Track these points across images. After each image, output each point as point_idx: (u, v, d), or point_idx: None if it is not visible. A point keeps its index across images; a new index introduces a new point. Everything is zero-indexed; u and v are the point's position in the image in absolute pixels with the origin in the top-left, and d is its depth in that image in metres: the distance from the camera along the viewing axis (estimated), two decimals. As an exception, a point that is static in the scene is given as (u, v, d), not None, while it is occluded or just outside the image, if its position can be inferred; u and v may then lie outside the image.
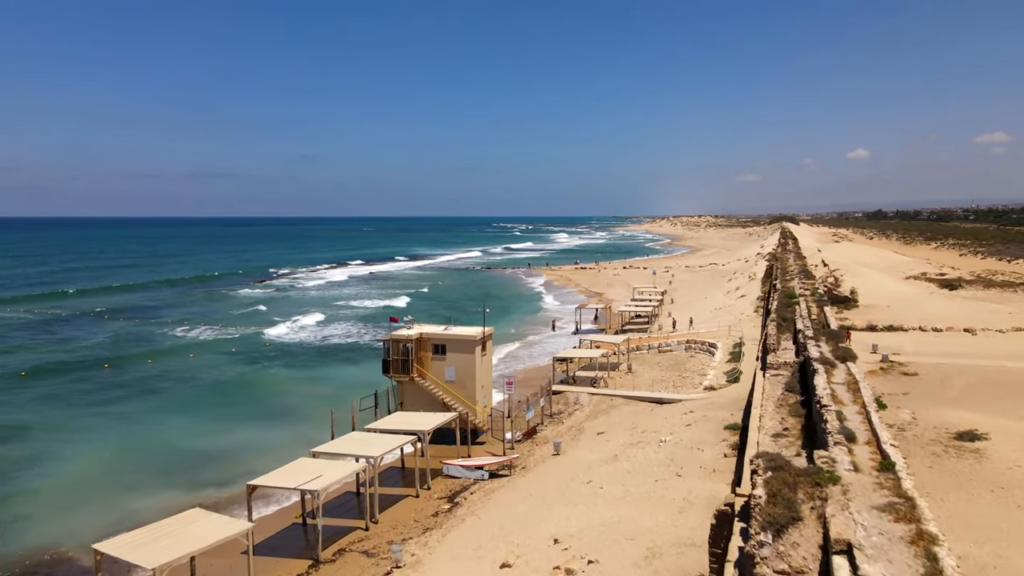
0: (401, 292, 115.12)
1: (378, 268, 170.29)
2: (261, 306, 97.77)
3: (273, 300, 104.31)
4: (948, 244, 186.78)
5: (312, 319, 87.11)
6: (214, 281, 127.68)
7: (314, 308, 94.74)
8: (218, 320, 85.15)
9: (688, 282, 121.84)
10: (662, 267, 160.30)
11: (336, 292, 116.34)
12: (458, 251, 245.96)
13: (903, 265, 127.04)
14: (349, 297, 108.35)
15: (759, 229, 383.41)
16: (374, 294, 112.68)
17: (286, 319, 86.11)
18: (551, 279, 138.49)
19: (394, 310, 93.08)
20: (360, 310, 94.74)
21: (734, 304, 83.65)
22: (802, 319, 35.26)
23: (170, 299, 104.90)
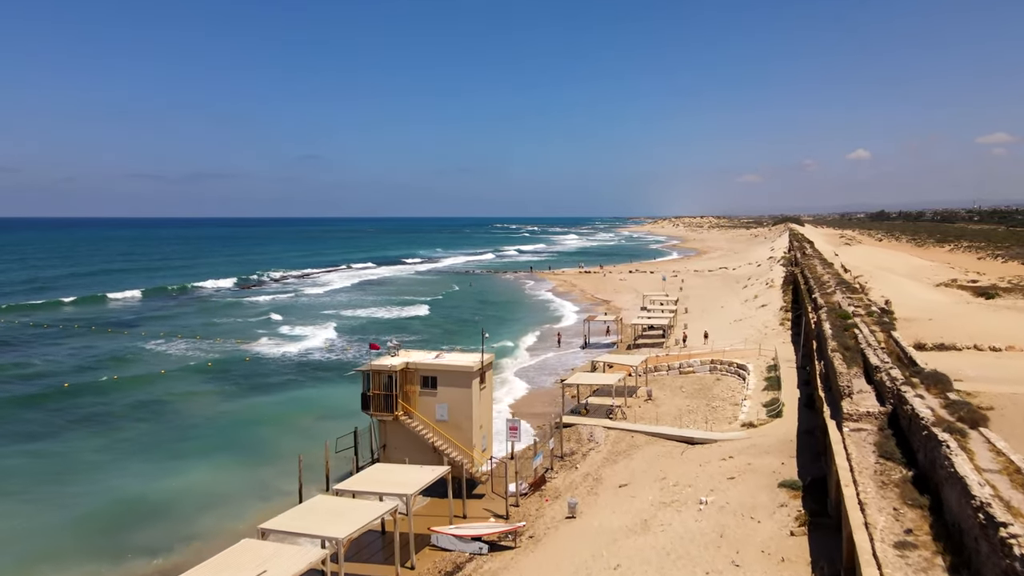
0: (397, 299, 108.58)
1: (375, 272, 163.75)
2: (246, 315, 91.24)
3: (260, 308, 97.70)
4: (962, 247, 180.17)
5: (300, 330, 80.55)
6: (205, 287, 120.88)
7: (303, 318, 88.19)
8: (200, 331, 78.60)
9: (699, 288, 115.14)
10: (669, 271, 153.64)
11: (328, 299, 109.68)
12: (458, 253, 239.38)
13: (925, 270, 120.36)
14: (342, 305, 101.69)
15: (763, 231, 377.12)
16: (368, 302, 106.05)
17: (271, 331, 79.55)
18: (555, 284, 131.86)
19: (387, 323, 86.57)
20: (352, 321, 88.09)
21: (755, 315, 77.05)
22: (872, 350, 28.62)
23: (154, 308, 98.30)
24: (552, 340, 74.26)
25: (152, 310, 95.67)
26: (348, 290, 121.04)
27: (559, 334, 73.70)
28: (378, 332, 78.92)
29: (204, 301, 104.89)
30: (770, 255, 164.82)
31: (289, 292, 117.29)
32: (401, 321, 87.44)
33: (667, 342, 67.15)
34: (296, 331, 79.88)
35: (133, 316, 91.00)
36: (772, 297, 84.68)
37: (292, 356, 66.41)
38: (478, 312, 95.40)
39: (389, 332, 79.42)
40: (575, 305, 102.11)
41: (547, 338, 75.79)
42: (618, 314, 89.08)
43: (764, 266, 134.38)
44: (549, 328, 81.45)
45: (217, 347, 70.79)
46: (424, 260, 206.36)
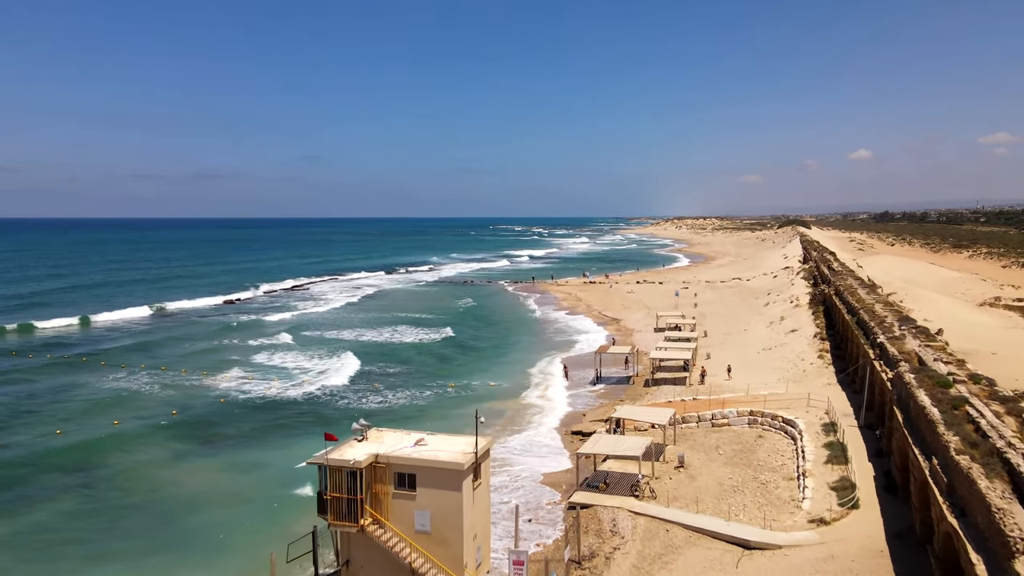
0: (389, 317, 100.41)
1: (372, 282, 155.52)
2: (228, 339, 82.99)
3: (245, 330, 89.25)
4: (981, 253, 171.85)
5: (281, 359, 72.43)
6: (187, 305, 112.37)
7: (286, 346, 79.90)
8: (172, 361, 70.47)
9: (715, 304, 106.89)
10: (679, 281, 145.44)
11: (317, 319, 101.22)
12: (458, 260, 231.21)
13: (956, 283, 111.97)
14: (330, 326, 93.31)
15: (769, 233, 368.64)
16: (359, 321, 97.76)
17: (247, 361, 71.29)
18: (558, 297, 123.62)
19: (376, 351, 78.31)
20: (338, 346, 79.78)
21: (785, 342, 68.81)
22: (1016, 452, 20.44)
23: (126, 330, 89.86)
24: (556, 374, 66.02)
25: (123, 333, 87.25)
26: (340, 307, 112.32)
27: (566, 366, 65.38)
28: (365, 362, 70.76)
29: (184, 322, 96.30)
30: (784, 264, 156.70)
31: (276, 310, 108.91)
32: (390, 347, 79.19)
33: (690, 377, 58.90)
34: (277, 361, 71.66)
35: (99, 341, 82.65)
36: (801, 320, 76.46)
37: (270, 397, 58.09)
38: (476, 334, 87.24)
39: (376, 361, 71.39)
40: (581, 324, 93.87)
41: (552, 370, 67.54)
42: (631, 340, 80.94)
43: (781, 278, 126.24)
44: (553, 357, 73.19)
45: (188, 384, 62.63)
46: (423, 267, 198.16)
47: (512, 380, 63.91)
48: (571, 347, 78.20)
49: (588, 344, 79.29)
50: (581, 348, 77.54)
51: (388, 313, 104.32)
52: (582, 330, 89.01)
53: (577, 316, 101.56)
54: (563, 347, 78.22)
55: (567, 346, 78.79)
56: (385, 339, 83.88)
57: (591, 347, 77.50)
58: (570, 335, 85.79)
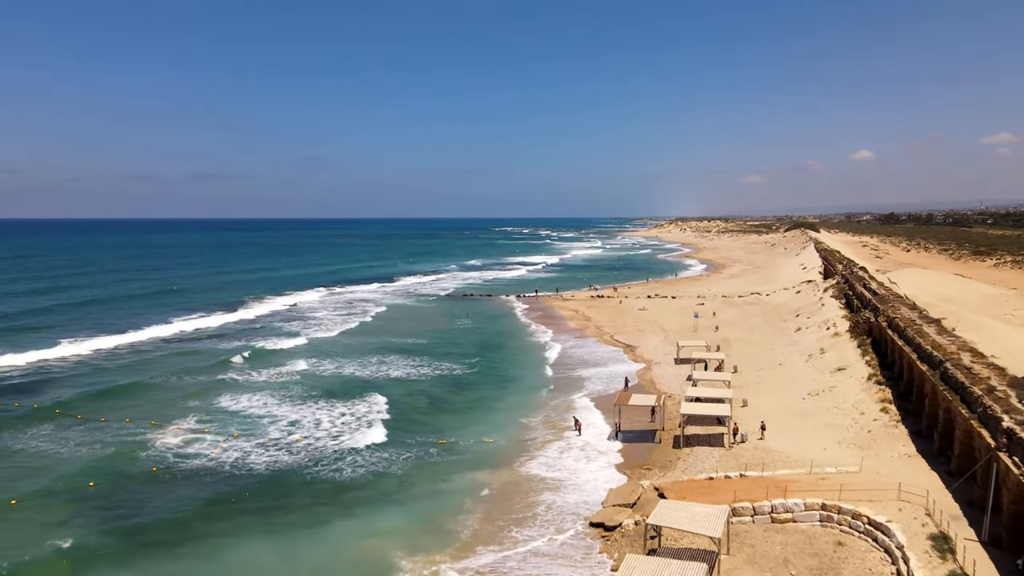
0: (377, 344, 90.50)
1: (366, 295, 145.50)
2: (191, 375, 72.83)
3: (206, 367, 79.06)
4: (1006, 261, 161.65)
5: (245, 404, 62.47)
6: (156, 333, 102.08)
7: (254, 386, 69.91)
8: (111, 410, 60.47)
9: (738, 327, 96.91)
10: (692, 295, 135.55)
11: (295, 348, 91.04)
12: (458, 267, 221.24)
13: (999, 301, 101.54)
14: (306, 354, 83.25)
15: (777, 237, 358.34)
16: (341, 349, 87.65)
17: (206, 407, 61.26)
18: (564, 316, 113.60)
19: (355, 388, 68.23)
20: (312, 385, 69.82)
21: (834, 385, 58.65)
22: None
23: (75, 364, 79.37)
24: (564, 427, 56.06)
25: (71, 367, 76.80)
26: (329, 334, 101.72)
27: (577, 421, 55.23)
28: (342, 405, 60.83)
29: (145, 351, 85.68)
30: (804, 276, 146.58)
31: (255, 336, 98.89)
32: (375, 384, 68.91)
33: (728, 437, 48.86)
34: (241, 405, 61.67)
35: (39, 378, 72.39)
36: (847, 354, 66.36)
37: (218, 465, 48.03)
38: (474, 367, 77.16)
39: (356, 405, 61.35)
40: (591, 352, 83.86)
41: (559, 421, 57.53)
42: (651, 377, 70.94)
43: (806, 294, 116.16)
44: (561, 399, 63.19)
45: (128, 438, 52.77)
46: (421, 277, 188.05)
47: (511, 435, 53.90)
48: (580, 386, 67.98)
49: (600, 381, 69.32)
50: (593, 387, 67.48)
51: (378, 338, 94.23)
52: (592, 361, 78.93)
53: (586, 342, 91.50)
54: (572, 386, 68.06)
55: (576, 385, 68.60)
56: (370, 373, 73.75)
57: (604, 385, 67.69)
58: (579, 368, 75.69)
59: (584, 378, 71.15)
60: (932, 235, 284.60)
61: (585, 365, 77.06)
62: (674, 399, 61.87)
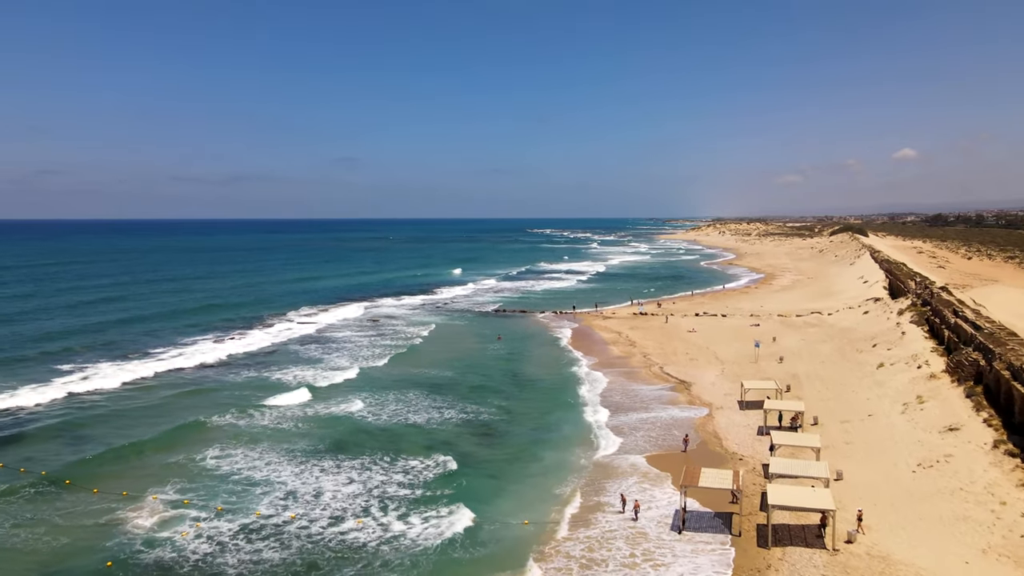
0: (387, 381, 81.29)
1: (388, 311, 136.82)
2: (168, 422, 64.50)
3: (197, 402, 70.85)
4: None
5: (232, 464, 53.60)
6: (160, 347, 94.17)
7: (249, 435, 60.94)
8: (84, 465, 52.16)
9: (804, 357, 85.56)
10: (743, 312, 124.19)
11: (299, 380, 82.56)
12: (488, 274, 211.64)
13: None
14: (320, 399, 74.10)
15: (823, 242, 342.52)
16: (358, 385, 78.68)
17: (189, 468, 52.42)
18: (605, 339, 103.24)
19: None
20: (320, 439, 60.69)
21: (950, 453, 47.41)
22: None
23: (54, 403, 71.52)
24: (611, 490, 46.02)
25: (46, 412, 68.23)
26: (345, 364, 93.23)
27: (625, 499, 44.96)
28: (353, 464, 51.53)
29: (133, 391, 76.87)
30: (867, 292, 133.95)
31: (266, 367, 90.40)
32: (392, 433, 59.43)
33: (831, 537, 38.15)
34: (229, 466, 52.80)
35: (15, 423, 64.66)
36: (953, 407, 54.94)
37: (186, 558, 38.95)
38: (505, 410, 67.32)
39: (368, 464, 51.91)
40: (640, 392, 73.40)
41: (604, 490, 47.38)
42: (713, 427, 60.29)
43: (876, 315, 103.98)
44: (607, 465, 52.88)
45: (84, 520, 44.20)
46: (452, 287, 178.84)
47: (547, 512, 43.97)
48: (629, 441, 57.38)
49: (653, 433, 58.88)
50: (644, 442, 56.97)
51: (401, 368, 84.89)
52: (641, 403, 68.34)
53: (632, 373, 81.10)
54: (618, 441, 57.44)
55: (624, 438, 58.12)
56: (386, 418, 64.24)
57: (658, 438, 57.31)
58: (625, 413, 65.23)
59: (632, 428, 60.70)
60: (988, 239, 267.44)
61: (633, 409, 66.59)
62: (747, 464, 51.29)
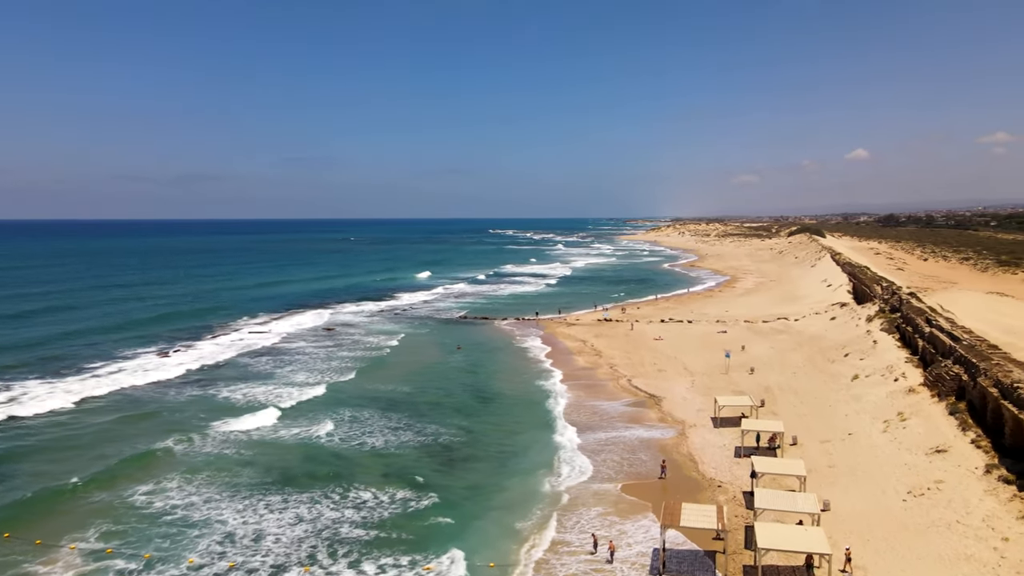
0: (348, 400, 76.51)
1: (345, 318, 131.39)
2: (95, 452, 58.82)
3: (130, 429, 65.33)
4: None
5: (167, 499, 48.45)
6: (96, 362, 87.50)
7: (182, 464, 55.81)
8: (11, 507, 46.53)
9: (775, 367, 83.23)
10: (711, 319, 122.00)
11: (247, 398, 77.41)
12: (447, 278, 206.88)
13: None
14: (263, 414, 69.13)
15: (782, 243, 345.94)
16: (312, 408, 73.75)
17: (120, 509, 47.14)
18: (570, 348, 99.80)
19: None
20: (267, 471, 55.81)
21: (940, 479, 44.79)
22: None
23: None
24: (582, 525, 42.43)
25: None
26: (300, 378, 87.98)
27: (596, 537, 41.24)
28: (299, 499, 46.81)
29: (62, 416, 70.93)
30: (832, 297, 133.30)
31: (212, 385, 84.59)
32: (346, 458, 54.82)
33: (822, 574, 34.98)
34: (164, 502, 47.70)
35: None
36: (937, 425, 52.61)
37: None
38: (466, 430, 63.19)
39: (314, 483, 47.24)
40: (608, 409, 69.94)
41: (575, 526, 43.69)
42: (687, 447, 57.06)
43: (844, 321, 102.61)
44: (578, 493, 49.16)
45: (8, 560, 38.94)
46: (412, 292, 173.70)
47: (512, 553, 40.07)
48: (600, 467, 53.82)
49: (624, 456, 55.33)
50: (615, 467, 53.35)
51: (355, 384, 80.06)
52: (609, 421, 64.78)
53: (599, 386, 77.70)
54: (588, 466, 53.78)
55: (594, 463, 54.40)
56: (339, 441, 59.54)
57: (628, 462, 53.67)
58: (594, 432, 61.63)
59: (603, 450, 57.10)
60: (941, 240, 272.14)
61: (602, 427, 63.00)
62: (727, 492, 48.08)
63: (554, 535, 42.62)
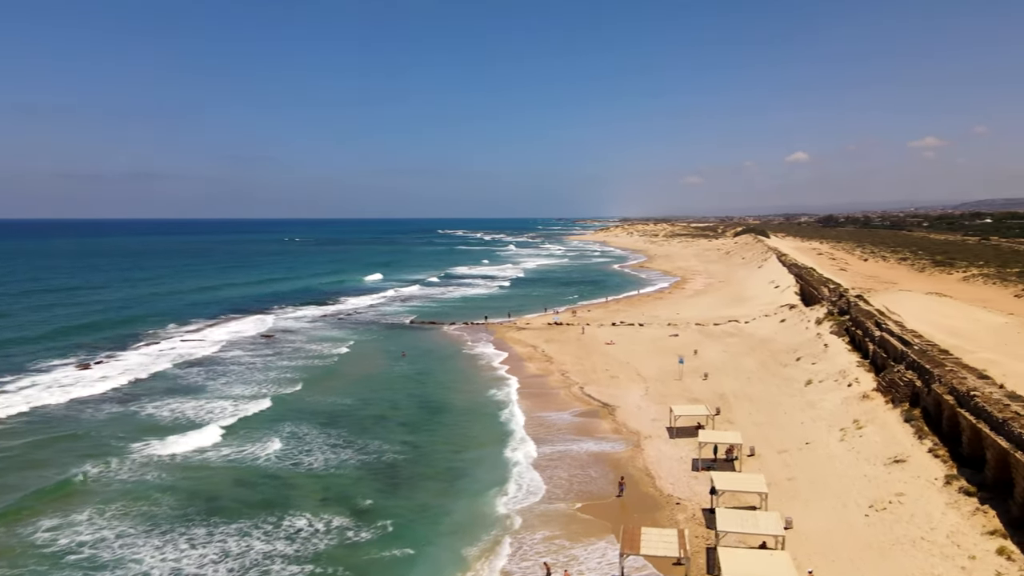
0: (286, 414, 72.21)
1: (288, 323, 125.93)
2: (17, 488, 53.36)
3: (37, 453, 59.98)
4: (973, 275, 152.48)
5: (69, 530, 43.88)
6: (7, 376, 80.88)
7: (94, 493, 50.98)
8: None
9: (729, 372, 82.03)
10: (663, 322, 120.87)
11: (173, 415, 72.35)
12: (396, 281, 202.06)
13: (1013, 336, 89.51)
14: (189, 433, 64.50)
15: (728, 243, 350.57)
16: (245, 423, 69.23)
17: (3, 544, 42.35)
18: (520, 354, 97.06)
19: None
20: (184, 499, 51.39)
21: (901, 491, 43.35)
22: None
23: None
24: (533, 559, 39.63)
25: None
26: (232, 392, 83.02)
27: (548, 567, 38.52)
28: (232, 519, 42.75)
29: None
30: (780, 298, 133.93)
31: (134, 402, 79.10)
32: (281, 481, 50.90)
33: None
34: (73, 537, 43.04)
35: None
36: (893, 433, 51.54)
37: None
38: (408, 447, 59.78)
39: (243, 510, 43.25)
40: (560, 420, 67.42)
41: (523, 554, 40.85)
42: (643, 460, 54.81)
43: (794, 324, 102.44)
44: (532, 515, 46.35)
45: None
46: (358, 295, 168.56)
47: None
48: (555, 476, 51.33)
49: (578, 471, 52.75)
50: (567, 484, 50.74)
51: (293, 396, 75.61)
52: (563, 434, 62.15)
53: (550, 395, 75.10)
54: (541, 484, 51.08)
55: (548, 480, 51.70)
56: (275, 462, 55.28)
57: (582, 478, 51.07)
58: (547, 444, 58.95)
59: (555, 465, 54.38)
60: (879, 240, 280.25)
61: (554, 440, 60.29)
62: (686, 510, 45.86)
63: (504, 564, 39.74)
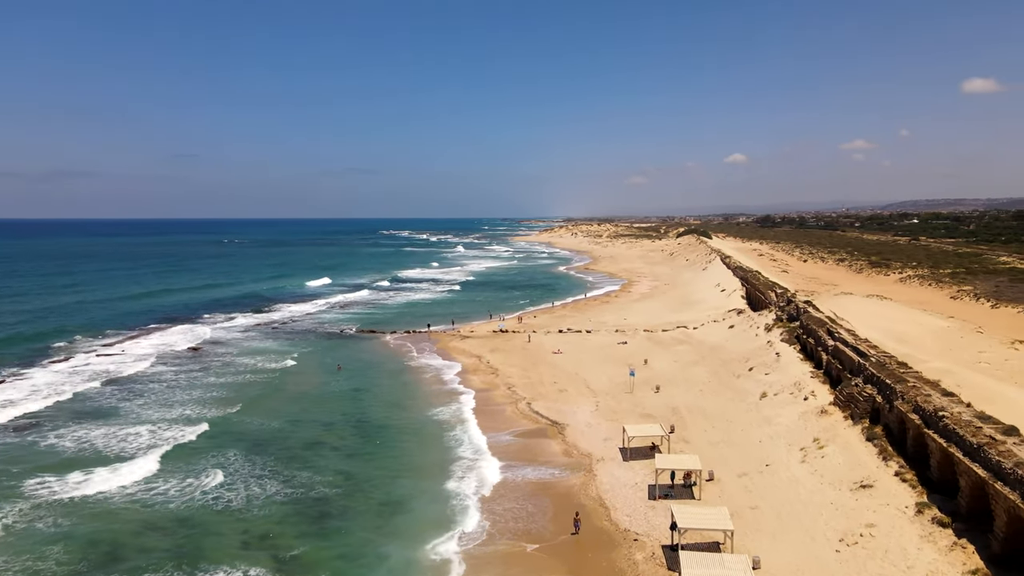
0: (208, 444, 66.07)
1: (217, 334, 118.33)
2: None
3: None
4: (908, 276, 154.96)
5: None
6: None
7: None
8: None
9: (680, 385, 79.24)
10: (610, 328, 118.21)
11: (78, 445, 65.39)
12: (334, 286, 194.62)
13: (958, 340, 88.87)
14: (98, 470, 57.89)
15: (671, 244, 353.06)
16: (163, 457, 62.84)
17: None
18: (465, 367, 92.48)
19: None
20: (81, 548, 45.29)
21: (871, 522, 40.60)
22: None
23: None
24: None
25: None
26: (150, 415, 75.97)
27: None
28: None
29: None
30: (727, 302, 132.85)
31: (38, 431, 71.27)
32: (197, 529, 45.21)
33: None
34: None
35: None
36: (856, 454, 49.06)
37: None
38: (340, 477, 54.66)
39: (148, 566, 37.69)
40: (507, 443, 63.26)
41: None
42: (594, 486, 50.92)
43: (743, 331, 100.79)
44: (477, 560, 41.98)
45: None
46: (295, 302, 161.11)
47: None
48: (501, 510, 47.04)
49: (527, 506, 48.54)
50: (518, 517, 46.58)
51: (215, 420, 69.28)
52: (509, 459, 57.80)
53: (496, 413, 70.79)
54: (487, 525, 46.72)
55: (494, 508, 47.49)
56: (190, 502, 49.48)
57: (533, 514, 46.89)
58: (495, 473, 54.73)
59: (502, 496, 49.96)
60: (815, 240, 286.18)
61: (501, 466, 56.06)
62: (645, 548, 42.16)
63: (445, 620, 35.29)
